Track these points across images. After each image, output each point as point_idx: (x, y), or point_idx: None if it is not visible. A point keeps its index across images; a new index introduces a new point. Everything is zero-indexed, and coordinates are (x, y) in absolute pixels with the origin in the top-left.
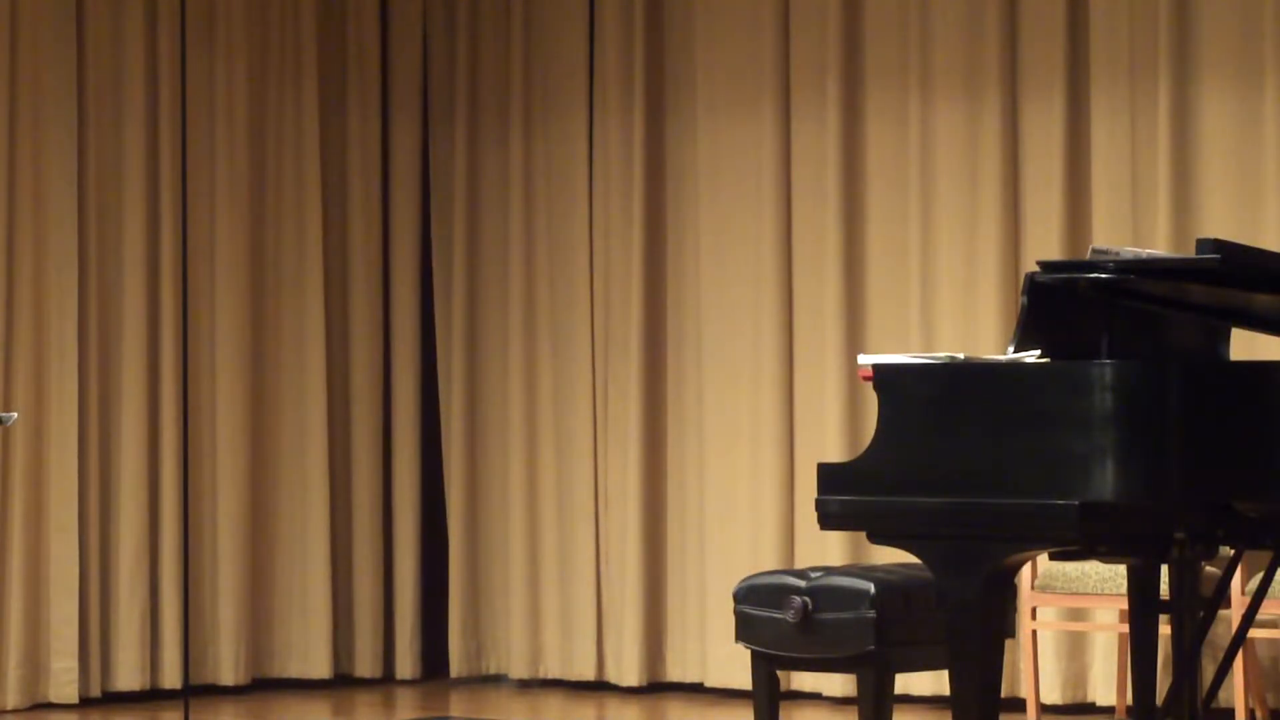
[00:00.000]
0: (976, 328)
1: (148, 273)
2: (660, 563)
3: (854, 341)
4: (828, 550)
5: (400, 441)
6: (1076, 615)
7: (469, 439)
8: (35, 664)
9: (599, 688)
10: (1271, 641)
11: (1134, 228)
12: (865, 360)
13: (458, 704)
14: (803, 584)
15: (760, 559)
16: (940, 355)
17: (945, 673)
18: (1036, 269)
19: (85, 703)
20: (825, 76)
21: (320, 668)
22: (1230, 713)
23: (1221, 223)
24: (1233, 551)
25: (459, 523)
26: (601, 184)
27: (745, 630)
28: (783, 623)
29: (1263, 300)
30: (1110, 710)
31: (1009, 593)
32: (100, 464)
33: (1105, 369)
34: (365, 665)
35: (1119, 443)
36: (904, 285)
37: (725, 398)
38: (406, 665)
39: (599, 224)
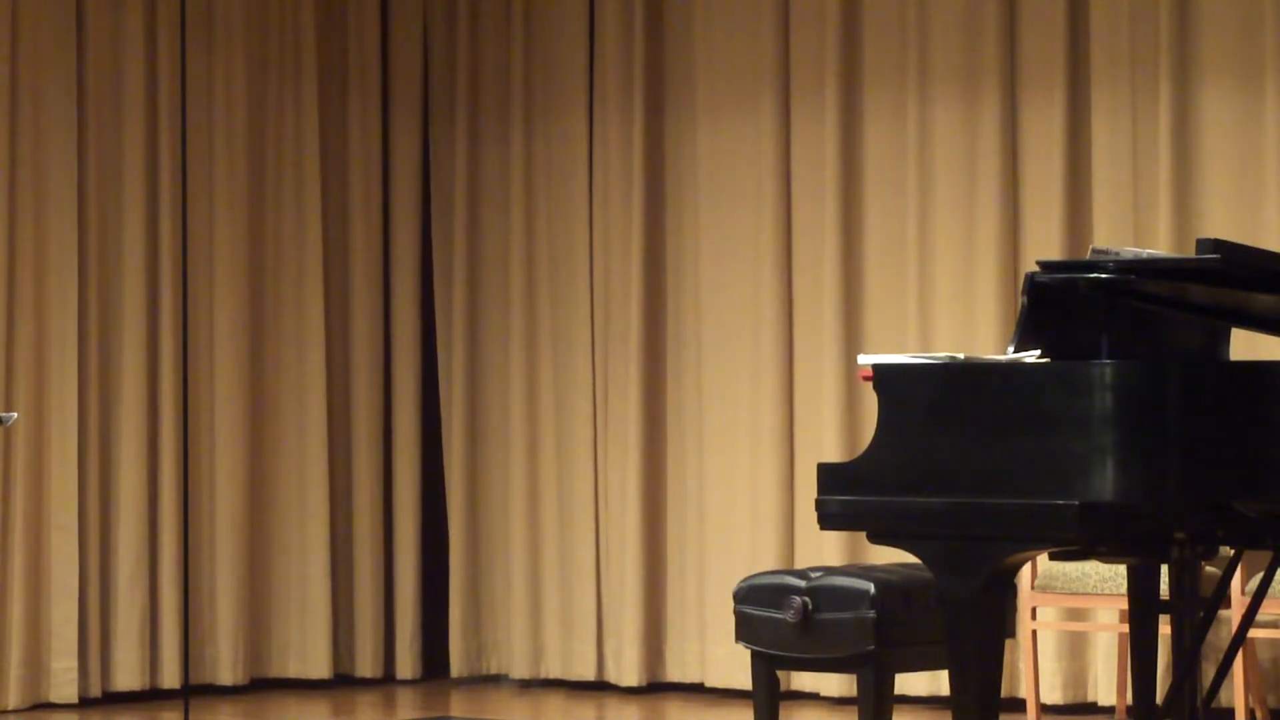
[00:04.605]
0: (975, 328)
1: (148, 273)
2: (660, 563)
3: (853, 341)
4: (827, 550)
5: (400, 441)
6: (1077, 615)
7: (469, 439)
8: (35, 664)
9: (599, 688)
10: (1271, 641)
11: (1134, 228)
12: (865, 360)
13: (458, 704)
14: (803, 584)
15: (759, 559)
16: (940, 355)
17: (945, 673)
18: (1036, 269)
19: (85, 703)
20: (824, 76)
21: (320, 668)
22: (1230, 713)
23: (1221, 223)
24: (1233, 551)
25: (459, 522)
26: (601, 183)
27: (745, 630)
28: (783, 623)
29: (1263, 300)
30: (1110, 710)
31: (1009, 593)
32: (100, 464)
33: (1105, 369)
34: (365, 665)
35: (1119, 443)
36: (903, 285)
37: (725, 397)
38: (407, 665)
39: (599, 223)
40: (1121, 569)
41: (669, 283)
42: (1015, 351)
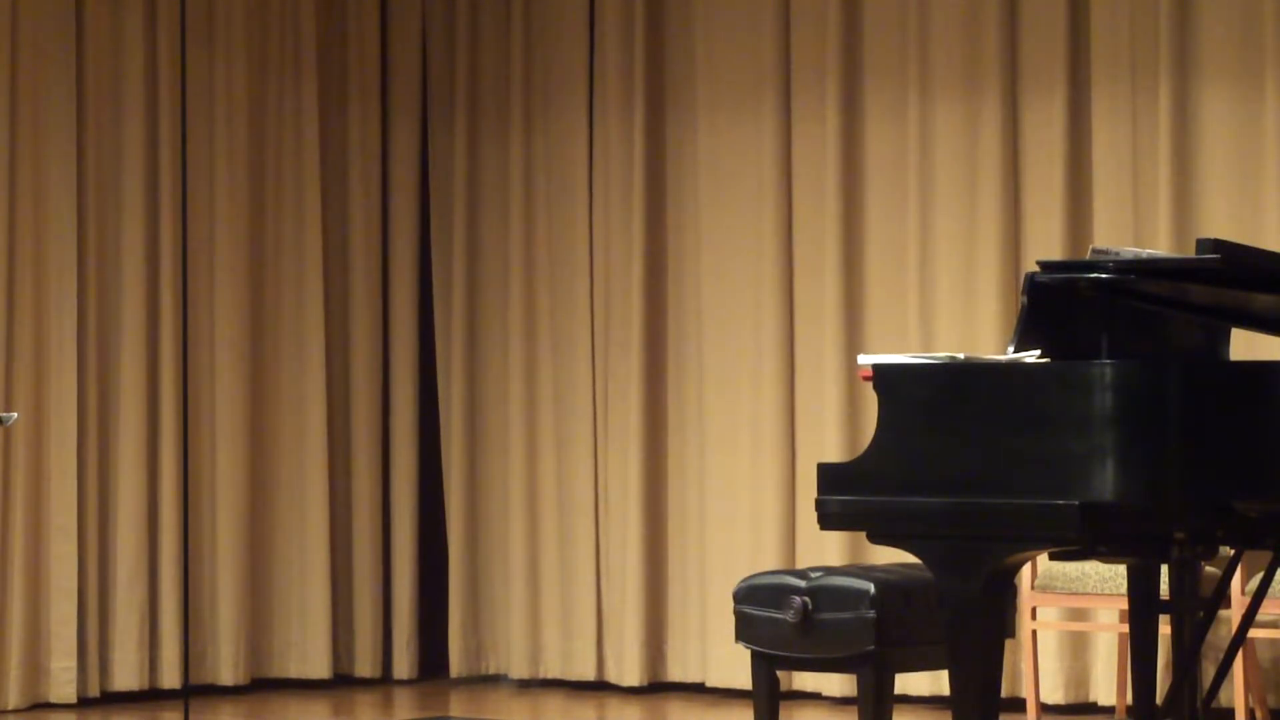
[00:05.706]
0: (976, 328)
1: (147, 273)
2: (661, 563)
3: (854, 341)
4: (828, 550)
5: (399, 441)
6: (1077, 615)
7: (469, 439)
8: (34, 664)
9: (599, 688)
10: (1271, 641)
11: (1134, 228)
12: (865, 360)
13: (457, 704)
14: (803, 584)
15: (761, 559)
16: (940, 355)
17: (945, 673)
18: (1036, 269)
19: (84, 703)
20: (825, 76)
21: (320, 668)
22: (1230, 713)
23: (1221, 223)
24: (1233, 551)
25: (459, 523)
26: (601, 184)
27: (745, 630)
28: (783, 623)
29: (1263, 300)
30: (1111, 710)
31: (1009, 593)
32: (99, 464)
33: (1105, 369)
34: (365, 665)
35: (1119, 443)
36: (903, 285)
37: (725, 397)
38: (405, 665)
39: (599, 224)
40: (1121, 569)
41: (669, 282)
42: (1015, 351)
